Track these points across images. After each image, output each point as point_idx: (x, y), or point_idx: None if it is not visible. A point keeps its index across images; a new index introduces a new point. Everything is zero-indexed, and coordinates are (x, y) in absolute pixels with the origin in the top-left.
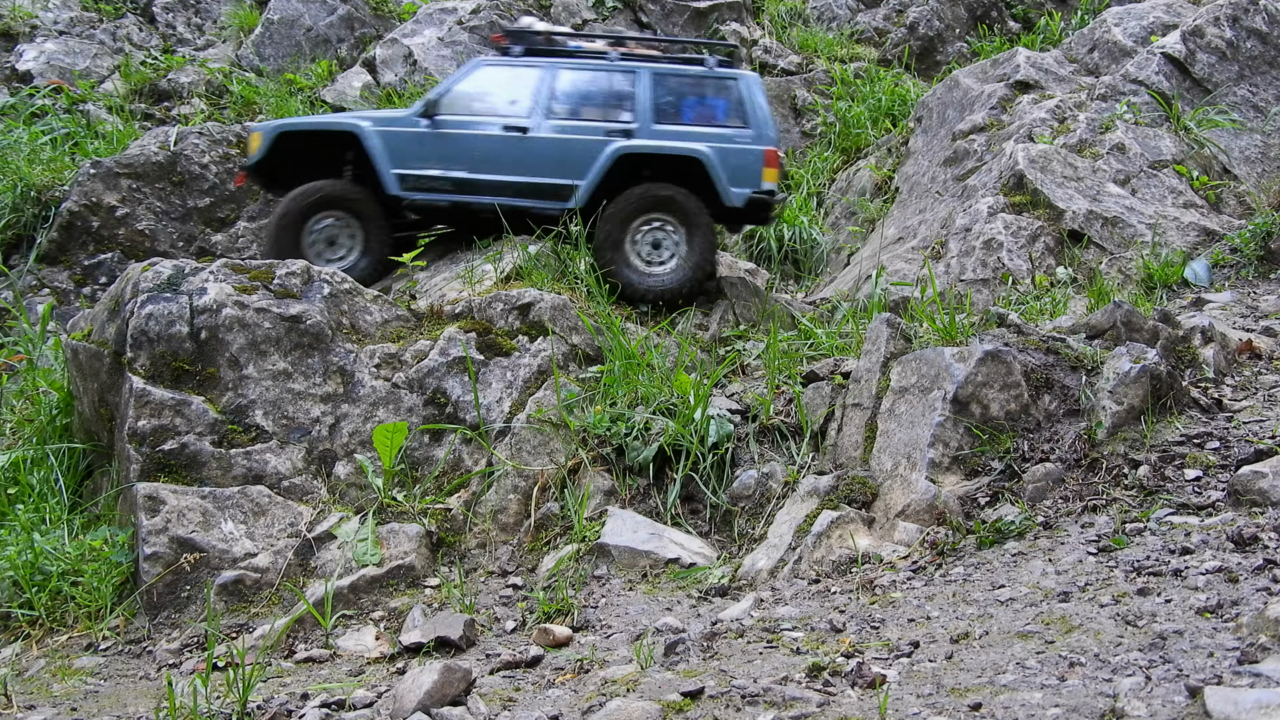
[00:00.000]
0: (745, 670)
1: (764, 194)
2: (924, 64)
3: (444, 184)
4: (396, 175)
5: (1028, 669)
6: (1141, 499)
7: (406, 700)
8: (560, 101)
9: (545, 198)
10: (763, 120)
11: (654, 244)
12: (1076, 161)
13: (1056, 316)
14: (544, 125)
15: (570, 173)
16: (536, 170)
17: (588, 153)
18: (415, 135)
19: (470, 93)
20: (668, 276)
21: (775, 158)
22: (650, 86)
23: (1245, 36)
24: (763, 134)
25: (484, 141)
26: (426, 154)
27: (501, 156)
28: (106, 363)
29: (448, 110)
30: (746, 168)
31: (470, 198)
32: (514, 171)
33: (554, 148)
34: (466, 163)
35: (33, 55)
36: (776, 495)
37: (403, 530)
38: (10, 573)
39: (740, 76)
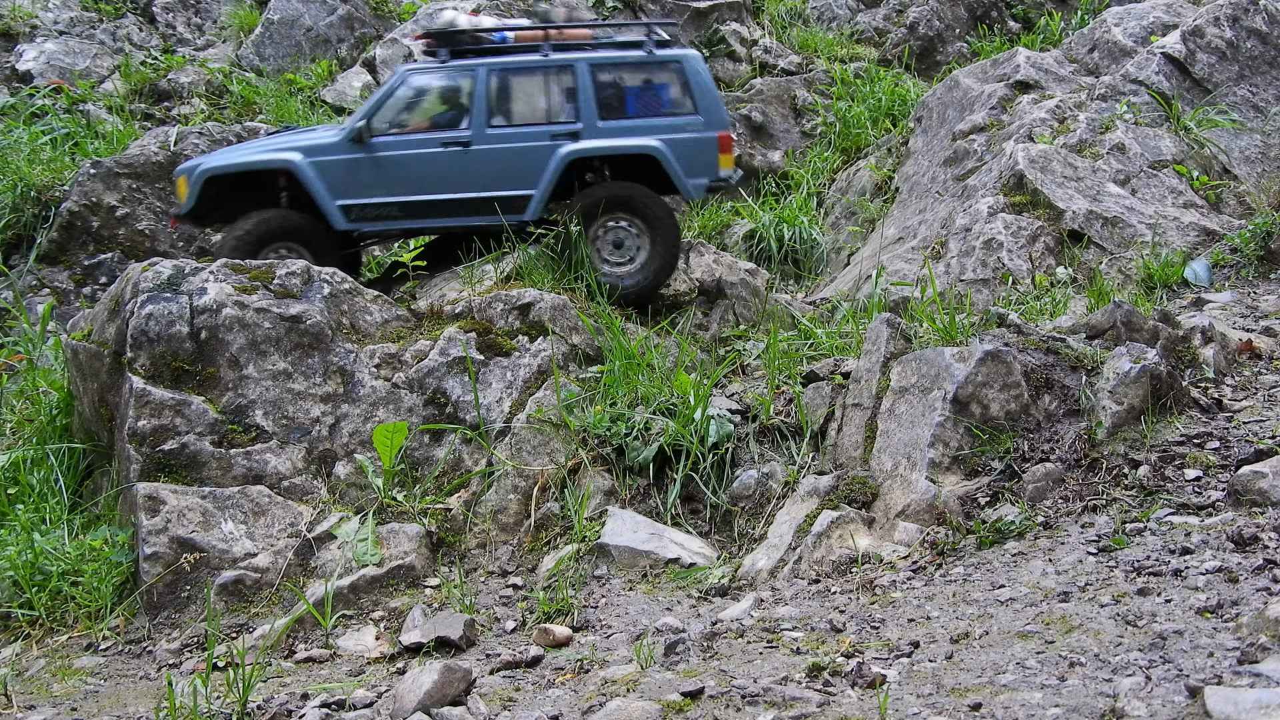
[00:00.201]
0: (745, 670)
1: (721, 181)
2: (924, 64)
3: (391, 210)
4: (341, 208)
5: (1028, 669)
6: (1141, 499)
7: (406, 700)
8: (499, 107)
9: (501, 212)
10: (711, 103)
11: (616, 243)
12: (1076, 161)
13: (1056, 316)
14: (485, 135)
15: (520, 184)
16: (485, 185)
17: (536, 160)
18: (352, 163)
19: (403, 108)
20: (632, 276)
21: (729, 142)
22: (591, 80)
23: (1245, 36)
24: (713, 118)
25: (425, 160)
26: (367, 181)
27: (446, 174)
28: (106, 363)
29: (381, 130)
30: (702, 157)
31: (420, 221)
32: (461, 189)
33: (500, 159)
34: (411, 185)
35: (33, 55)
36: (776, 495)
37: (403, 530)
38: (10, 573)
39: (683, 58)
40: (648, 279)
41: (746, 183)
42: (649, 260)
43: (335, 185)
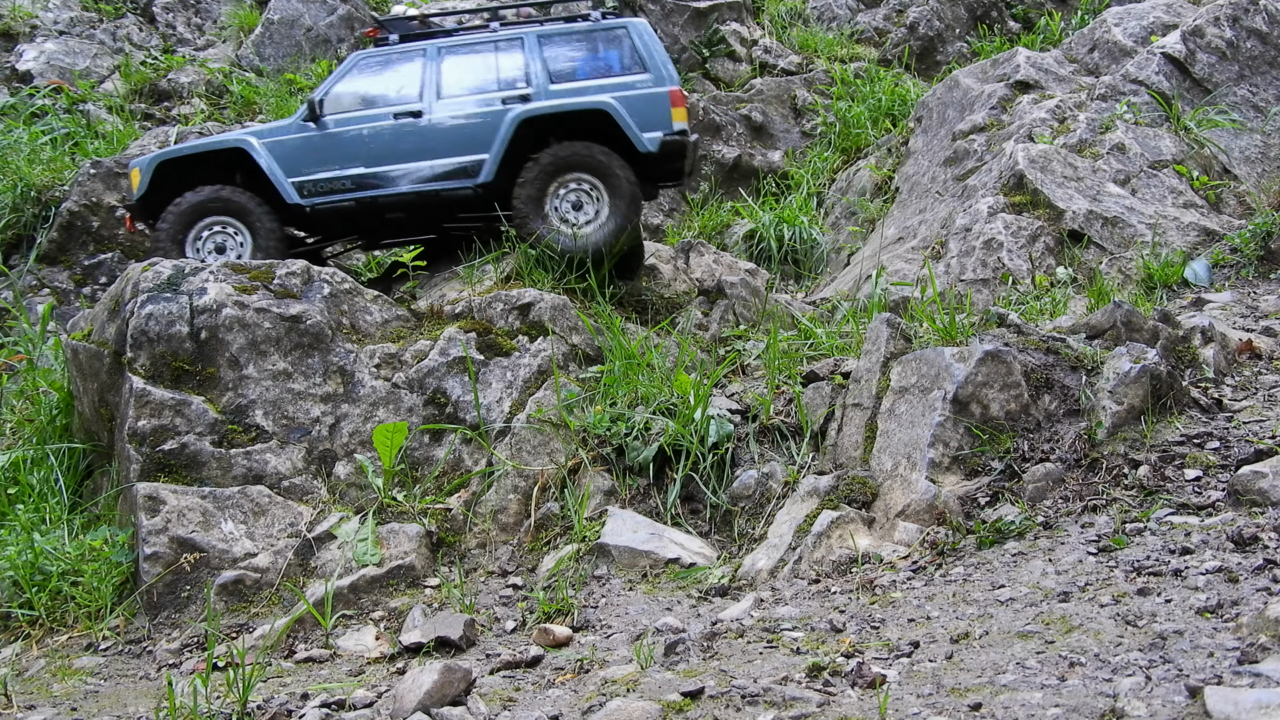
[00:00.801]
0: (745, 670)
1: (677, 135)
2: (924, 64)
3: (343, 183)
4: (294, 184)
5: (1028, 669)
6: (1141, 499)
7: (406, 700)
8: (450, 80)
9: (452, 179)
10: (660, 63)
11: (575, 204)
12: (1076, 161)
13: (1056, 316)
14: (437, 106)
15: (473, 149)
16: (437, 152)
17: (488, 125)
18: (304, 140)
19: (354, 88)
20: (590, 236)
21: (681, 97)
22: (539, 50)
23: (1245, 36)
24: (663, 76)
25: (377, 133)
26: (319, 157)
27: (398, 145)
28: (106, 363)
29: (333, 110)
30: (654, 111)
31: (374, 192)
32: (414, 158)
33: (452, 126)
34: (363, 158)
35: (33, 55)
36: (776, 495)
37: (403, 530)
38: (10, 573)
39: (629, 24)
40: (606, 237)
41: (746, 183)
42: (608, 219)
43: (288, 162)
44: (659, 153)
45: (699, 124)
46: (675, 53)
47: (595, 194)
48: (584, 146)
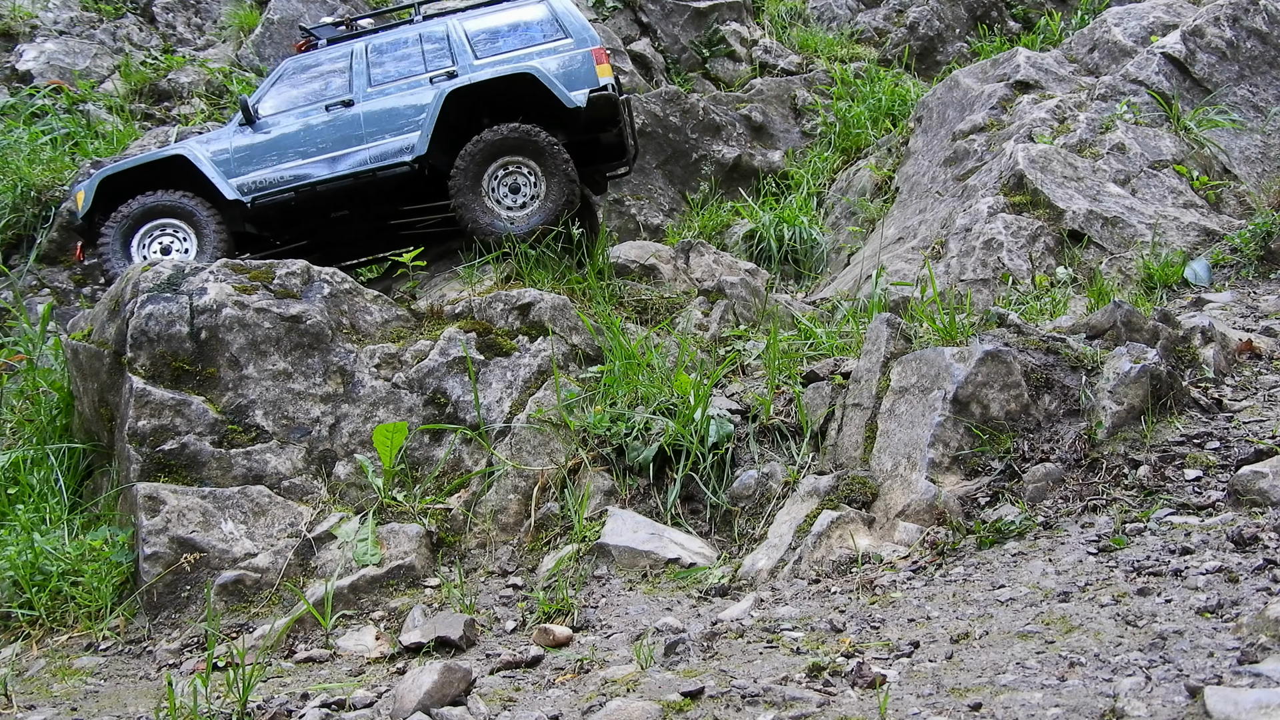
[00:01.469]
0: (745, 670)
1: (603, 90)
2: (924, 64)
3: (282, 177)
4: (235, 185)
5: (1028, 669)
6: (1141, 499)
7: (406, 700)
8: (379, 69)
9: (389, 156)
10: (580, 26)
11: (512, 188)
12: (1076, 161)
13: (1056, 316)
14: (368, 94)
15: (406, 127)
16: (370, 136)
17: (417, 103)
18: (241, 144)
19: (287, 90)
20: (528, 219)
21: (604, 54)
22: (462, 31)
23: (1245, 36)
24: (584, 38)
25: (311, 126)
26: (257, 156)
27: (332, 134)
28: (106, 363)
29: (268, 111)
30: (578, 69)
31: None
32: (348, 145)
33: (383, 109)
34: (299, 152)
35: (33, 55)
36: (776, 495)
37: (403, 530)
38: (10, 573)
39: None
40: (545, 219)
41: (746, 183)
42: (545, 200)
43: (228, 166)
44: (588, 110)
45: (699, 124)
46: (675, 53)
47: (532, 176)
48: (519, 129)
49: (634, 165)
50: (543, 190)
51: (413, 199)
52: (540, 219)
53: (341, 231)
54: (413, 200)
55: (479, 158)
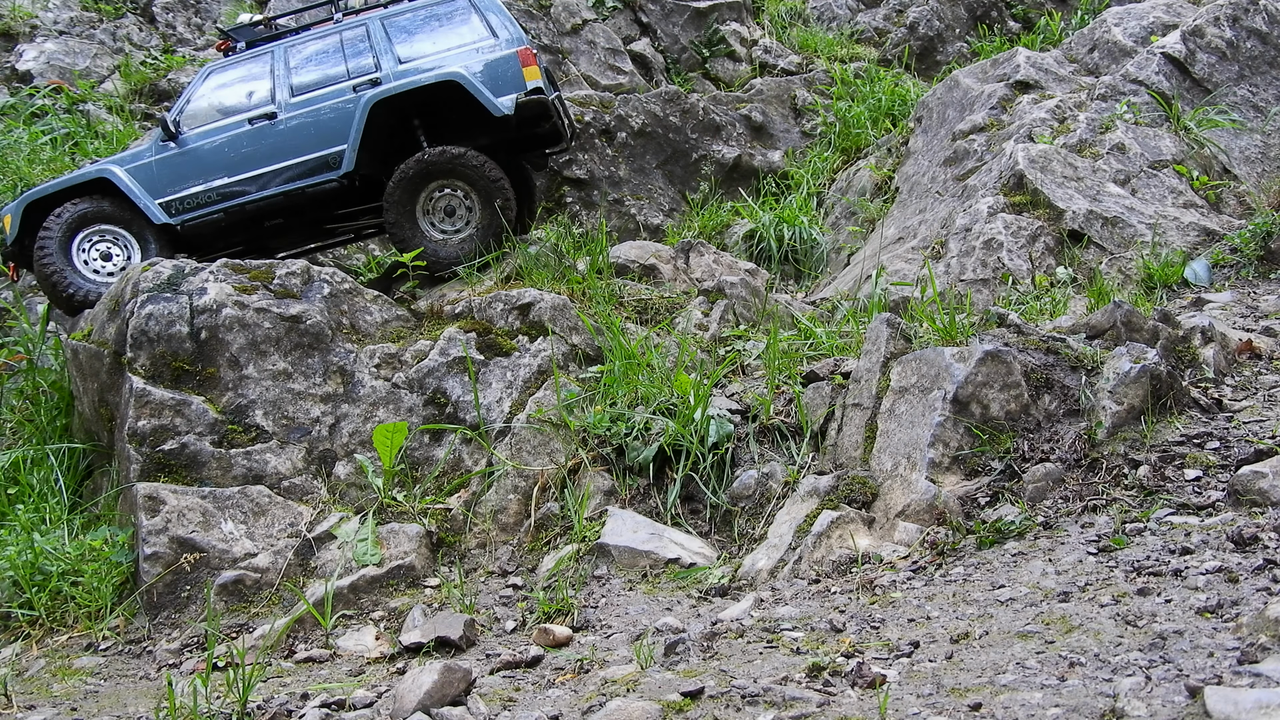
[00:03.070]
0: (745, 670)
1: (532, 94)
2: (924, 64)
3: (209, 196)
4: (160, 204)
5: (1028, 669)
6: (1141, 499)
7: (406, 700)
8: (301, 78)
9: (315, 173)
10: (505, 24)
11: (447, 211)
12: (1076, 161)
13: (1056, 316)
14: (290, 105)
15: (331, 141)
16: (297, 150)
17: (342, 115)
18: (164, 160)
19: (207, 101)
20: (461, 245)
21: (530, 55)
22: (384, 33)
23: (1245, 36)
24: (510, 38)
25: (235, 141)
26: (182, 174)
27: (258, 149)
28: (106, 363)
29: (190, 125)
30: (504, 73)
31: (240, 200)
32: (275, 159)
33: (307, 122)
34: (225, 168)
35: (33, 55)
36: (776, 495)
37: (403, 530)
38: (10, 573)
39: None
40: (481, 242)
41: (746, 183)
42: (479, 227)
43: (152, 184)
44: (517, 115)
45: (699, 124)
46: (675, 53)
47: (467, 200)
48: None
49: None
50: (478, 213)
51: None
52: (476, 243)
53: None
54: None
55: (411, 182)
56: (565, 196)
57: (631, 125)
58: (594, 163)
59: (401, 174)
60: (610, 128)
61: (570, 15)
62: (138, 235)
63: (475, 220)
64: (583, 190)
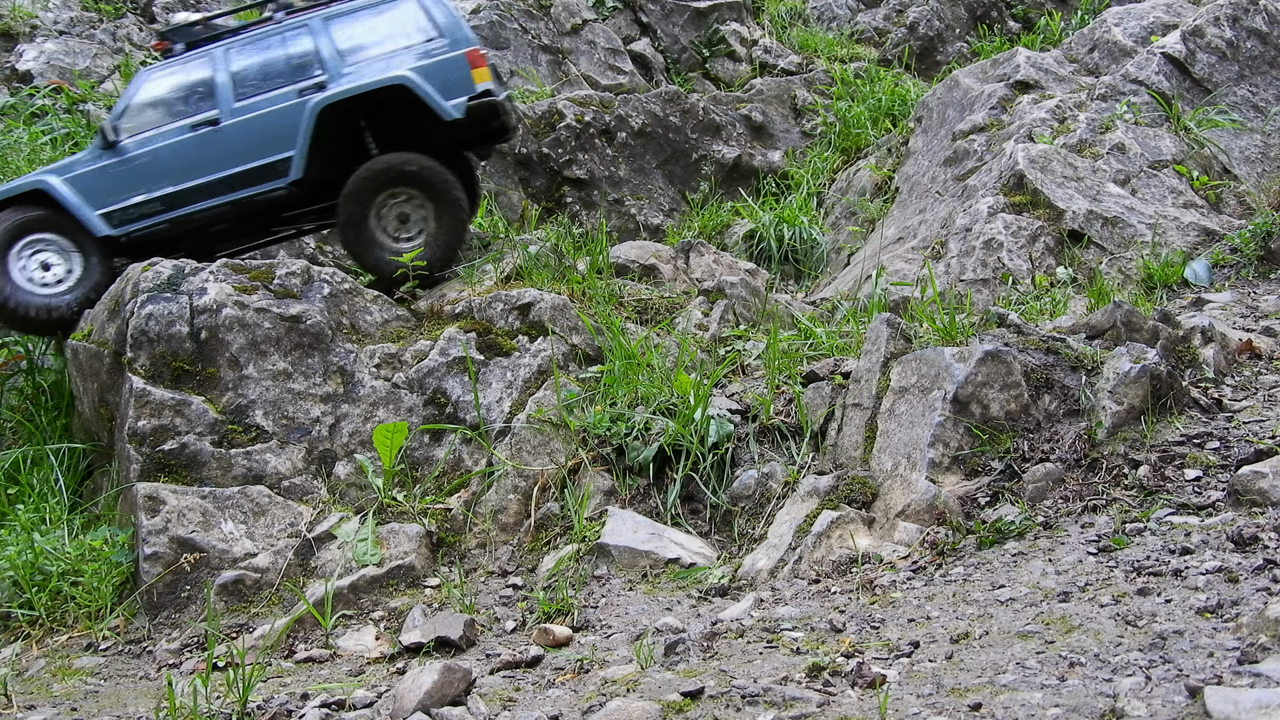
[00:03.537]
0: (745, 670)
1: (481, 96)
2: (924, 64)
3: (153, 206)
4: (101, 216)
5: (1028, 669)
6: (1141, 499)
7: (406, 700)
8: (243, 81)
9: (263, 180)
10: (452, 24)
11: (401, 219)
12: (1076, 161)
13: (1056, 316)
14: (234, 110)
15: (279, 147)
16: (243, 157)
17: (288, 119)
18: (104, 170)
19: (146, 106)
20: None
21: (479, 56)
22: (327, 33)
23: (1245, 36)
24: (457, 38)
25: (178, 148)
26: (123, 183)
27: (202, 156)
28: (106, 363)
29: (128, 132)
30: (453, 75)
31: (187, 209)
32: (221, 166)
33: (252, 128)
34: (169, 176)
35: (33, 55)
36: (776, 495)
37: (403, 530)
38: (10, 573)
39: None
40: (437, 254)
41: (746, 183)
42: (436, 234)
43: (92, 195)
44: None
45: (699, 124)
46: (675, 53)
47: (422, 208)
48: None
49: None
50: (432, 221)
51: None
52: (431, 254)
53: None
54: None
55: (364, 189)
56: (565, 196)
57: (631, 125)
58: (594, 163)
59: (355, 181)
60: (610, 128)
61: (570, 15)
62: (78, 245)
63: (430, 228)
64: (583, 190)
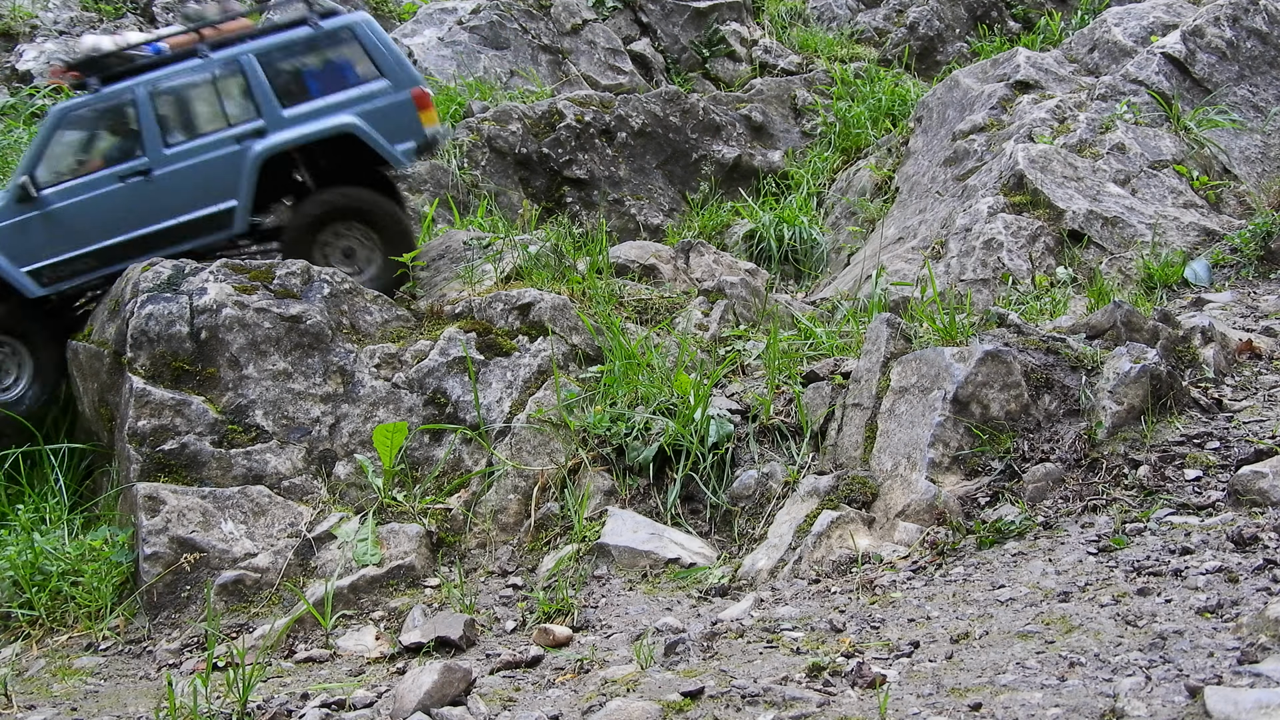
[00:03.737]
0: (745, 670)
1: (430, 139)
2: (924, 64)
3: (87, 263)
4: (29, 274)
5: (1028, 669)
6: (1141, 499)
7: (406, 700)
8: (173, 124)
9: (206, 233)
10: (395, 63)
11: (345, 253)
12: (1076, 161)
13: (1056, 316)
14: (165, 157)
15: (219, 197)
16: (181, 209)
17: (228, 169)
18: (24, 224)
19: (66, 151)
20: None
21: (426, 98)
22: (261, 72)
23: (1245, 36)
24: (401, 78)
25: (108, 200)
26: (49, 238)
27: (136, 209)
28: (106, 363)
29: (49, 180)
30: (401, 120)
31: (124, 264)
32: (158, 219)
33: (189, 178)
34: (100, 231)
35: (33, 55)
36: (776, 495)
37: (403, 530)
38: (10, 573)
39: (352, 23)
40: (388, 287)
41: (746, 183)
42: (385, 267)
43: (14, 252)
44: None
45: (699, 124)
46: (675, 53)
47: (368, 240)
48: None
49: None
50: (379, 254)
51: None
52: (383, 284)
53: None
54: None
55: (307, 227)
56: (565, 196)
57: (631, 125)
58: (594, 163)
59: (296, 218)
60: (610, 128)
61: (570, 15)
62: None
63: (379, 261)
64: (583, 190)
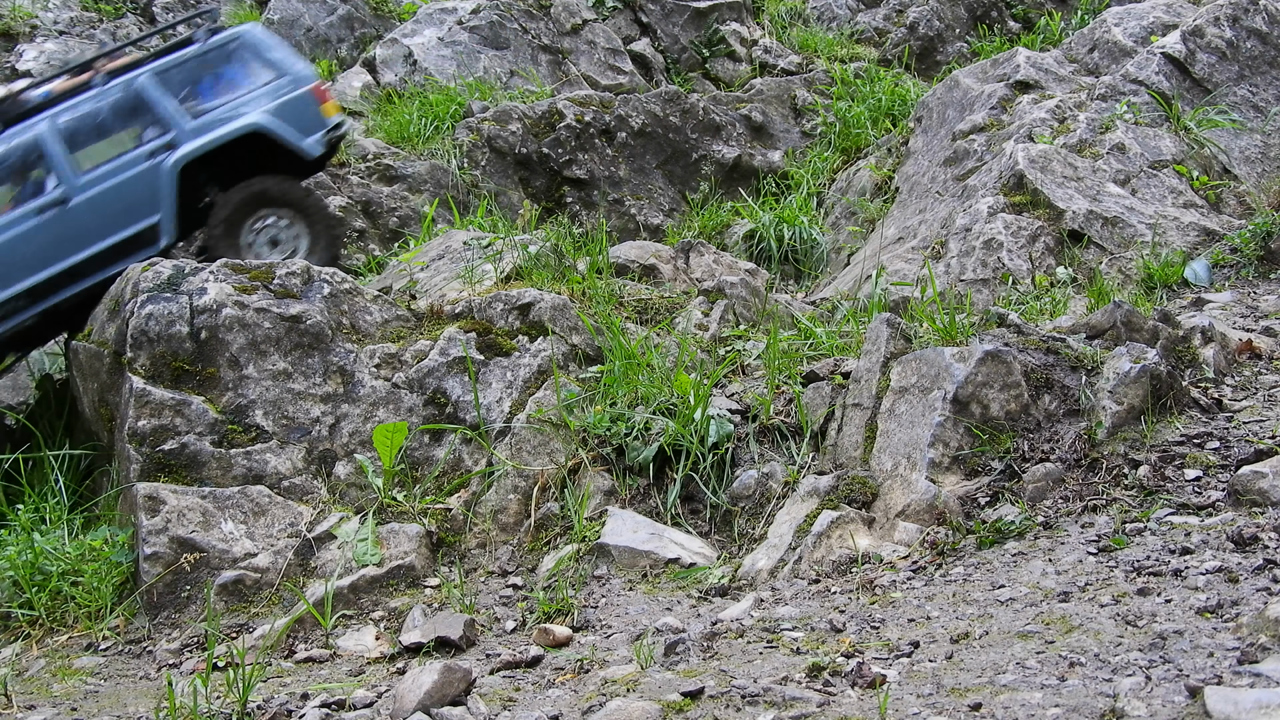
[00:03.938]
0: (745, 670)
1: (336, 129)
2: (924, 64)
3: (17, 303)
4: None
5: (1028, 669)
6: (1141, 499)
7: (406, 700)
8: (84, 152)
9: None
10: (288, 62)
11: (272, 242)
12: (1076, 161)
13: (1056, 316)
14: (80, 185)
15: (142, 214)
16: (105, 232)
17: (148, 185)
18: None
19: None
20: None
21: (324, 91)
22: (161, 89)
23: (1245, 36)
24: (298, 75)
25: (28, 236)
26: None
27: (60, 240)
28: (106, 363)
29: None
30: (305, 113)
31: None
32: (84, 245)
33: (109, 201)
34: (24, 268)
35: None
36: (776, 495)
37: (403, 530)
38: (10, 573)
39: (241, 33)
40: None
41: (746, 183)
42: (313, 247)
43: None
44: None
45: (699, 124)
46: (675, 53)
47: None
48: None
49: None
50: (306, 237)
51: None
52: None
53: None
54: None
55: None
56: (565, 196)
57: (631, 125)
58: (594, 163)
59: (217, 212)
60: (610, 128)
61: (570, 15)
62: None
63: (305, 246)
64: (583, 190)
